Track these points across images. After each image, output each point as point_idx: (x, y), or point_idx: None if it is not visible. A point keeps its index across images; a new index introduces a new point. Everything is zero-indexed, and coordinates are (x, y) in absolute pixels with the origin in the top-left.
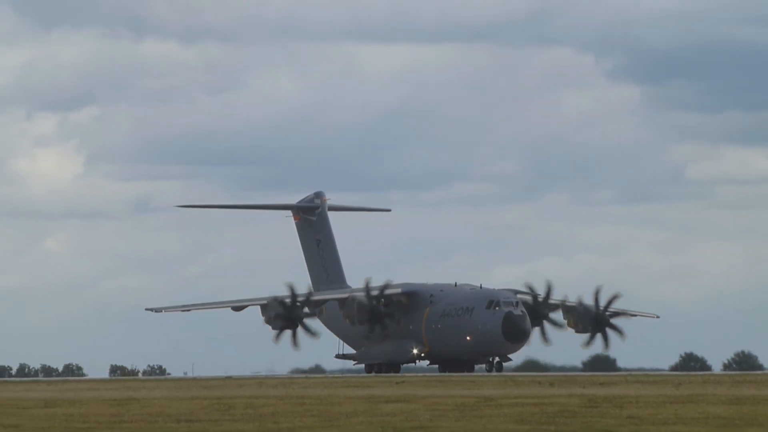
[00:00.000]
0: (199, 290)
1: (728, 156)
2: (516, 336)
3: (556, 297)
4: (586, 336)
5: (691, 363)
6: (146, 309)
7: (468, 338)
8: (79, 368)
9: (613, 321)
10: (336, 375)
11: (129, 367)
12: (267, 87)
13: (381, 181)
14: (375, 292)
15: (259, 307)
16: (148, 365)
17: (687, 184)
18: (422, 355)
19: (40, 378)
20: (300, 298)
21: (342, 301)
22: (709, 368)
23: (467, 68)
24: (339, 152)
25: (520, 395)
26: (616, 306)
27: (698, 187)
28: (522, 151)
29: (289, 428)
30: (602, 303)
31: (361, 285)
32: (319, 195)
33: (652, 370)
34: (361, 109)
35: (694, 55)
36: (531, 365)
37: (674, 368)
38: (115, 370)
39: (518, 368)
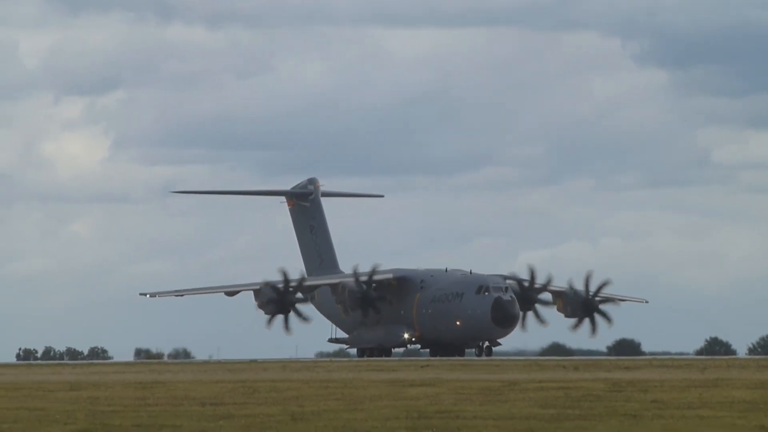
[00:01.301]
0: (217, 273)
1: (754, 140)
2: (505, 321)
3: (545, 281)
4: (574, 320)
5: (716, 347)
6: (140, 294)
7: (458, 323)
8: (104, 351)
9: (603, 307)
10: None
11: (154, 350)
12: (293, 71)
13: (406, 165)
14: (364, 278)
15: (252, 292)
16: (173, 348)
17: (713, 169)
18: (413, 339)
19: (66, 361)
20: (292, 284)
21: (333, 287)
22: (734, 353)
23: (492, 52)
24: (363, 137)
25: (544, 379)
26: (606, 292)
27: (724, 171)
28: (547, 136)
29: (314, 411)
30: (592, 289)
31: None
32: (312, 181)
33: (677, 354)
34: (386, 94)
35: (722, 38)
36: (556, 349)
37: (699, 352)
38: (139, 353)
39: (543, 352)
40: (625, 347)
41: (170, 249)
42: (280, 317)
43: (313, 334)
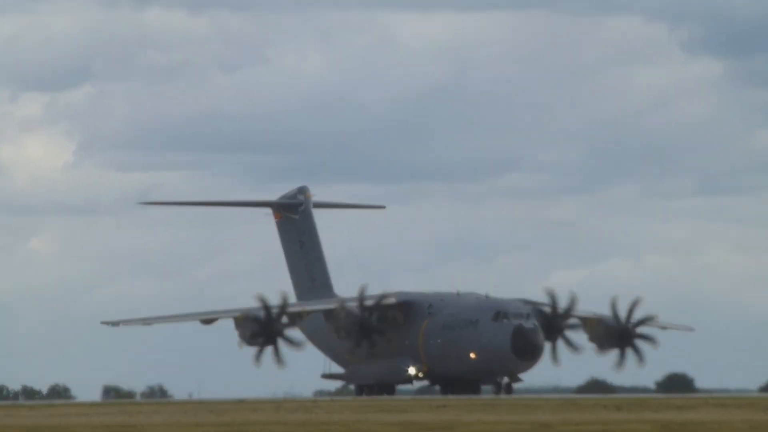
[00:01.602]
0: (194, 297)
1: None
2: (527, 353)
3: (568, 306)
4: (611, 354)
5: None
6: (102, 323)
7: (472, 355)
8: (67, 390)
9: (641, 335)
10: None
11: (124, 388)
12: (289, 63)
13: (416, 171)
14: (370, 302)
15: (232, 319)
16: (147, 386)
17: None
18: (420, 374)
19: (22, 401)
20: (275, 310)
21: (327, 313)
22: None
23: (519, 40)
24: (369, 137)
25: (582, 421)
26: (640, 315)
27: None
28: (583, 136)
29: None
30: (623, 313)
31: (350, 294)
32: (302, 190)
33: (736, 391)
34: (395, 89)
35: None
36: (595, 385)
37: (763, 389)
38: (108, 391)
39: (580, 389)
40: (676, 383)
41: (144, 269)
42: (268, 349)
43: (308, 367)
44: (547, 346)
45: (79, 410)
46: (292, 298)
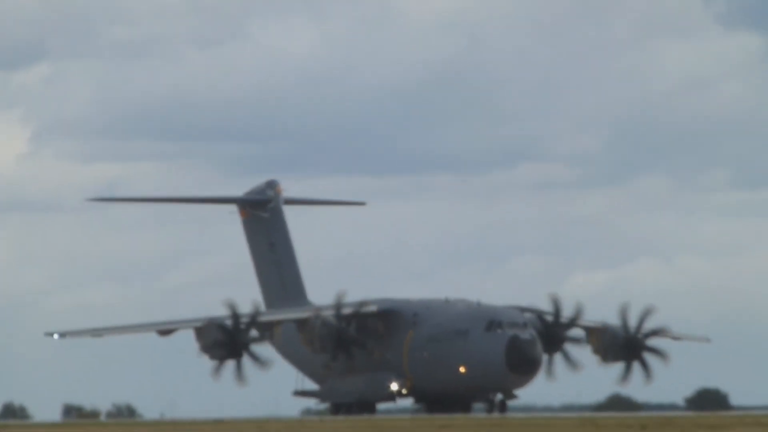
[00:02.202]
0: (158, 304)
1: None
2: (523, 366)
3: (573, 315)
4: (616, 366)
5: None
6: (46, 334)
7: (462, 369)
8: (23, 409)
9: (651, 346)
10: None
11: (87, 407)
12: (274, 39)
13: (422, 160)
14: (348, 311)
15: (192, 330)
16: (113, 404)
17: None
18: (403, 391)
19: None
20: (244, 320)
21: (300, 323)
22: None
23: (536, 15)
24: (366, 124)
25: None
26: (652, 325)
27: None
28: (608, 122)
29: None
30: (633, 323)
31: (326, 301)
32: (272, 185)
33: None
34: (396, 69)
35: None
36: (617, 402)
37: None
38: (69, 410)
39: (601, 406)
40: (708, 399)
41: (105, 273)
42: (230, 363)
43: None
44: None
45: None
46: (261, 307)
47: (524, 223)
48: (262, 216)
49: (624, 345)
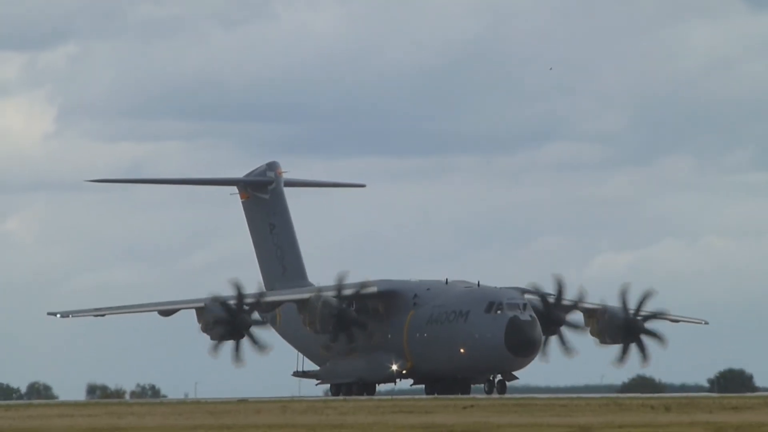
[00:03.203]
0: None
1: None
2: (523, 347)
3: (577, 297)
4: (614, 349)
5: None
6: (48, 313)
7: (462, 351)
8: (48, 388)
9: (648, 332)
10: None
11: (112, 387)
12: (299, 19)
13: (446, 141)
14: (348, 292)
15: (194, 311)
16: (138, 384)
17: None
18: (404, 372)
19: None
20: (248, 300)
21: (300, 304)
22: None
23: None
24: (391, 104)
25: (626, 423)
26: (651, 308)
27: None
28: (633, 102)
29: None
30: (632, 305)
31: (326, 282)
32: (272, 166)
33: None
34: (420, 48)
35: None
36: (641, 383)
37: None
38: (93, 390)
39: (625, 387)
40: (733, 381)
41: (133, 252)
42: (229, 343)
43: (274, 364)
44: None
45: (62, 411)
46: (261, 287)
47: (548, 204)
48: (263, 198)
49: (622, 327)
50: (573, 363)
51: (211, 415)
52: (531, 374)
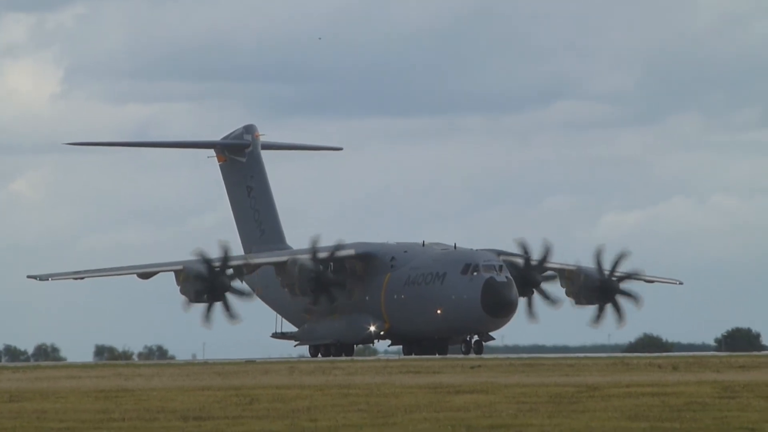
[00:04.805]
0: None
1: None
2: (499, 308)
3: (542, 257)
4: (588, 310)
5: None
6: (28, 276)
7: (439, 311)
8: (55, 350)
9: (625, 289)
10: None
11: (120, 348)
12: None
13: (452, 101)
14: (324, 254)
15: (173, 273)
16: (145, 346)
17: None
18: (381, 333)
19: (4, 363)
20: (217, 263)
21: (280, 266)
22: None
23: None
24: (398, 62)
25: (633, 382)
26: (626, 269)
27: None
28: (642, 61)
29: (330, 427)
30: (607, 266)
31: (305, 245)
32: (250, 129)
33: None
34: (428, 7)
35: None
36: (648, 342)
37: None
38: (101, 351)
39: (631, 347)
40: (740, 340)
41: (140, 213)
42: (217, 305)
43: (252, 325)
44: (521, 301)
45: (70, 372)
46: (239, 250)
47: (556, 164)
48: (240, 161)
49: (598, 288)
50: (551, 323)
51: (218, 376)
52: (516, 333)
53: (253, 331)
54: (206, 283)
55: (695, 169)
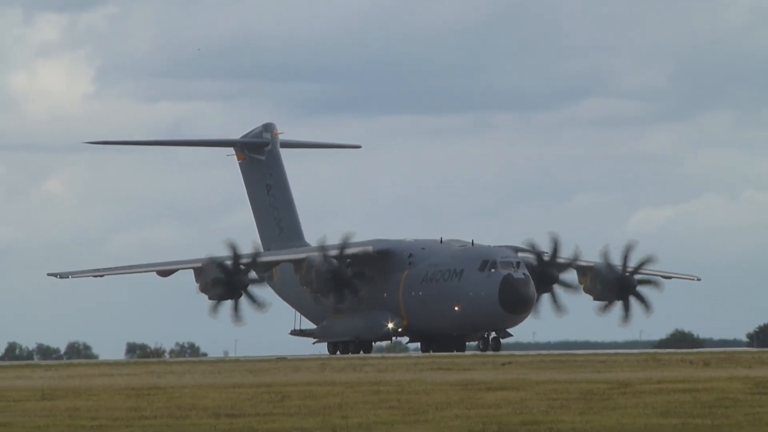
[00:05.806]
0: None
1: None
2: (517, 305)
3: (573, 256)
4: (612, 307)
5: None
6: (48, 274)
7: (456, 308)
8: (87, 347)
9: (641, 289)
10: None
11: (152, 346)
12: None
13: (484, 99)
14: (334, 252)
15: (192, 271)
16: (177, 343)
17: None
18: (399, 330)
19: (37, 361)
20: (244, 260)
21: (297, 264)
22: None
23: None
24: (428, 62)
25: (665, 379)
26: (649, 269)
27: None
28: (671, 57)
29: (361, 424)
30: (631, 264)
31: (325, 243)
32: (268, 128)
33: None
34: (458, 4)
35: None
36: (680, 339)
37: None
38: (133, 349)
39: (663, 343)
40: None
41: (172, 211)
42: (228, 302)
43: (271, 323)
44: (545, 297)
45: (102, 370)
46: (259, 248)
47: (587, 160)
48: (259, 159)
49: (616, 283)
50: (582, 319)
51: (250, 373)
52: (546, 330)
53: (272, 328)
54: (225, 281)
55: (726, 166)
